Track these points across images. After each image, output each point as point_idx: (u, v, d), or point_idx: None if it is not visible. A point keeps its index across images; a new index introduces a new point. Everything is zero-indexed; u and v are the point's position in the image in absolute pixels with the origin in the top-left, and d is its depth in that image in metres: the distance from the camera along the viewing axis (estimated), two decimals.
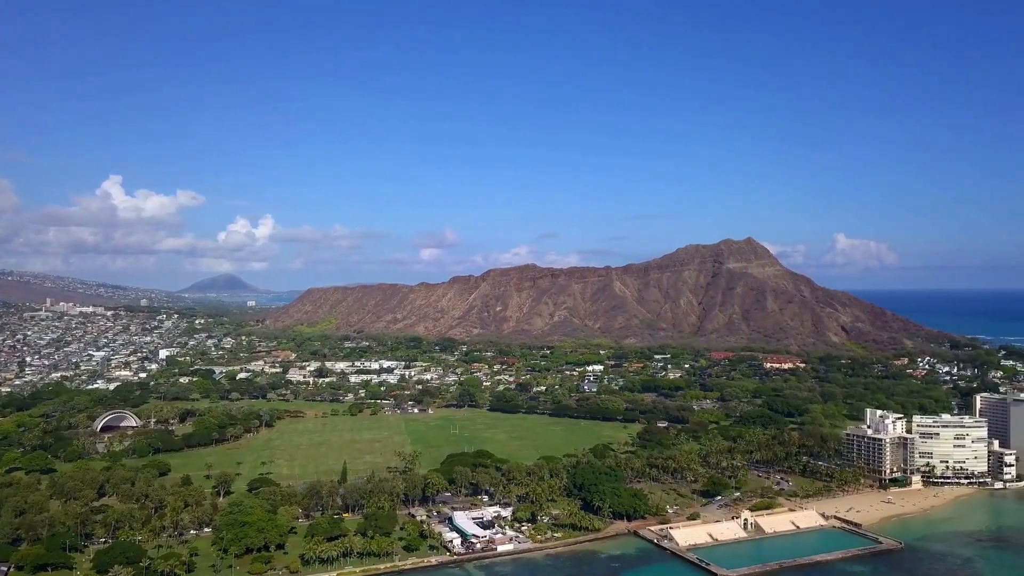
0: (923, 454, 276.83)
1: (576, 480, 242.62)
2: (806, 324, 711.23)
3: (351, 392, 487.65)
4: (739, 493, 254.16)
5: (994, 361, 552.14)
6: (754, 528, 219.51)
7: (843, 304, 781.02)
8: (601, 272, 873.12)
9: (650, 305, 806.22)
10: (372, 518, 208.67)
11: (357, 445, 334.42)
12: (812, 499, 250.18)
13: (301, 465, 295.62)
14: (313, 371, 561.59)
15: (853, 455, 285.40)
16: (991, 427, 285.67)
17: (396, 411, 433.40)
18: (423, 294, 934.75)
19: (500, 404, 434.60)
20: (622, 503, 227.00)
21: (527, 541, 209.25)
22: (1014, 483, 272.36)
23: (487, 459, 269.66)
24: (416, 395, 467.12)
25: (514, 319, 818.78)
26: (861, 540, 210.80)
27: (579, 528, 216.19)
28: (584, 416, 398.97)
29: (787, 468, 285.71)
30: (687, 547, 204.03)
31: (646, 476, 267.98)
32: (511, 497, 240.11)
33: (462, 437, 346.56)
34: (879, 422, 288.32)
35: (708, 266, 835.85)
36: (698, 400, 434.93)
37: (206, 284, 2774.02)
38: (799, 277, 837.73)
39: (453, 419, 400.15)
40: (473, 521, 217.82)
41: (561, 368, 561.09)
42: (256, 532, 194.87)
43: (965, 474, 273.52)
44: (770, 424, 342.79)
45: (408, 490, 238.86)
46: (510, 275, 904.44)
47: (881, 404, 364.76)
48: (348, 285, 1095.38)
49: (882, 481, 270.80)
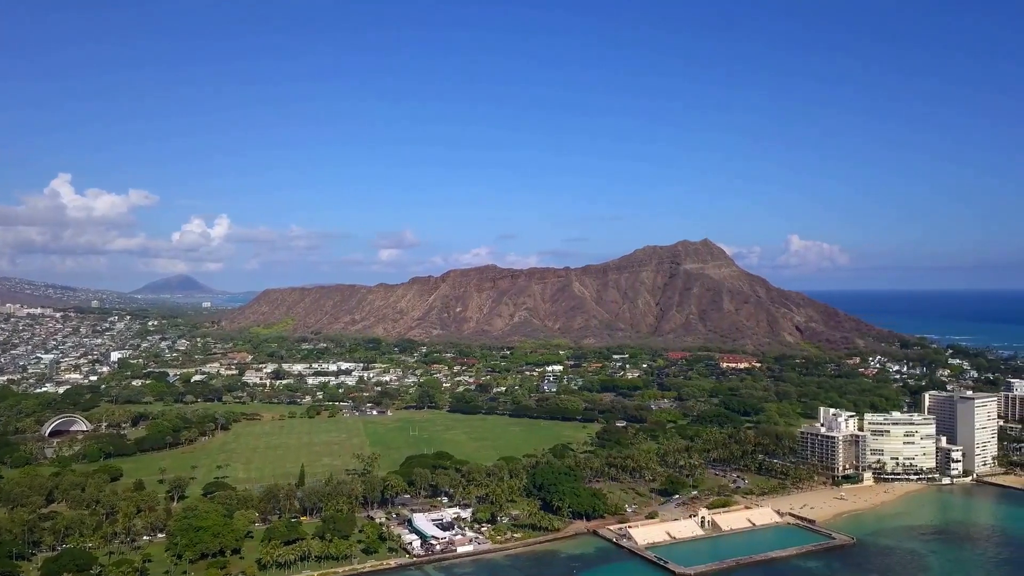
0: (874, 451, 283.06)
1: (536, 480, 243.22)
2: (761, 324, 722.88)
3: (309, 394, 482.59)
4: (696, 492, 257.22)
5: (942, 360, 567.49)
6: (711, 526, 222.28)
7: (797, 304, 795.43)
8: (561, 273, 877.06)
9: (609, 306, 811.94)
10: (330, 521, 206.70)
11: (315, 447, 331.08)
12: (768, 497, 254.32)
13: (258, 468, 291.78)
14: (270, 373, 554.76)
15: (807, 453, 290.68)
16: (939, 424, 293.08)
17: (355, 413, 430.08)
18: (382, 295, 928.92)
19: (460, 405, 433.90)
20: (581, 503, 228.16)
21: (487, 542, 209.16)
22: (960, 479, 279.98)
23: (447, 460, 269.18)
24: (375, 397, 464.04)
25: (474, 320, 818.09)
26: (815, 536, 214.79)
27: (539, 528, 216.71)
28: (544, 416, 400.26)
29: (743, 466, 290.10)
30: (646, 546, 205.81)
31: (605, 476, 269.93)
32: (471, 498, 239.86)
33: (421, 439, 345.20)
34: (832, 420, 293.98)
35: (665, 267, 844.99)
36: (656, 400, 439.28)
37: (160, 285, 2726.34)
38: (754, 278, 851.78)
39: (412, 421, 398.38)
40: (433, 523, 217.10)
41: (521, 368, 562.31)
42: (211, 537, 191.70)
43: (914, 470, 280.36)
44: (727, 423, 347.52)
45: (367, 492, 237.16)
46: (470, 276, 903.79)
47: (834, 403, 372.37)
48: (306, 286, 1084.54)
49: (835, 478, 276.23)
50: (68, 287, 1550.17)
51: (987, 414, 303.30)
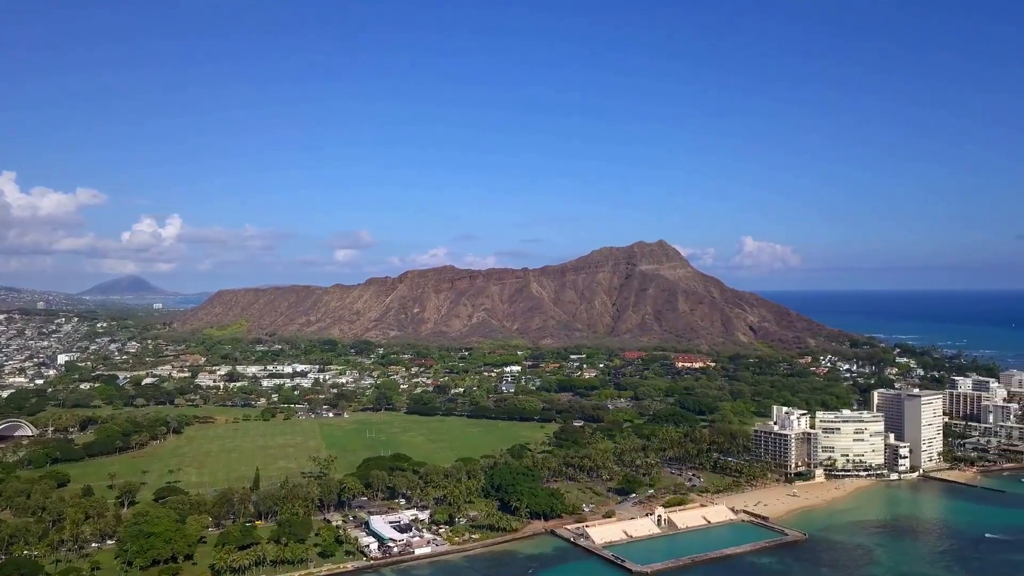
0: (826, 448, 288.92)
1: (494, 481, 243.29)
2: (716, 324, 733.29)
3: (264, 397, 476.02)
4: (653, 490, 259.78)
5: (890, 358, 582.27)
6: (667, 524, 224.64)
7: (751, 305, 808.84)
8: (519, 274, 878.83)
9: (566, 306, 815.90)
10: (286, 525, 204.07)
11: (270, 451, 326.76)
12: (722, 494, 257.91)
13: (211, 472, 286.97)
14: (224, 375, 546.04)
15: (761, 451, 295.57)
16: (887, 421, 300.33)
17: (311, 415, 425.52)
18: (338, 296, 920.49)
19: (418, 407, 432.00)
20: (539, 503, 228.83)
21: (445, 543, 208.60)
22: (908, 474, 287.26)
23: (404, 462, 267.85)
24: (331, 399, 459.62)
25: (432, 321, 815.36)
26: (768, 533, 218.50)
27: (497, 529, 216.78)
28: (502, 417, 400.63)
29: (699, 465, 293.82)
30: (603, 545, 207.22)
31: (562, 475, 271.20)
32: (428, 500, 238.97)
33: (379, 440, 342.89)
34: (785, 419, 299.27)
35: (622, 268, 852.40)
36: (612, 399, 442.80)
37: (109, 286, 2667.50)
38: (709, 279, 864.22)
39: (369, 422, 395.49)
40: (390, 525, 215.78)
41: (479, 369, 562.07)
42: (163, 543, 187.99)
43: (864, 467, 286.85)
44: (682, 422, 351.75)
45: (323, 495, 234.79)
46: (428, 276, 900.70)
47: (787, 401, 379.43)
48: (260, 287, 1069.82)
49: (788, 475, 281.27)
50: (12, 288, 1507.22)
51: (933, 411, 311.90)
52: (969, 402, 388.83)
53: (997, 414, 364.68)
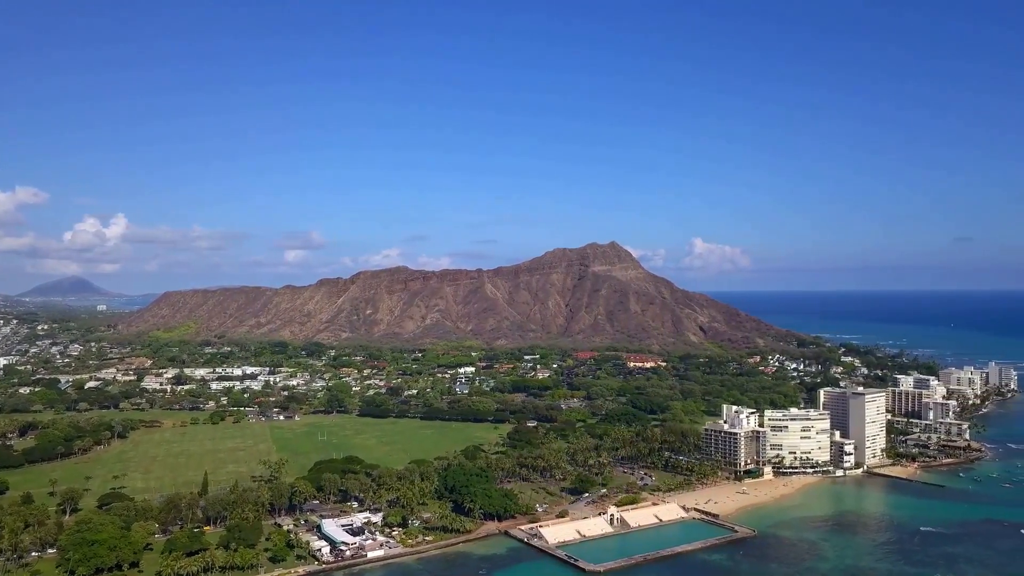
0: (774, 446, 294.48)
1: (447, 482, 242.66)
2: (667, 324, 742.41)
3: (212, 400, 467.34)
4: (605, 489, 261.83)
5: (835, 358, 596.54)
6: (620, 523, 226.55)
7: (701, 305, 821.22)
8: (473, 275, 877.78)
9: (520, 307, 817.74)
10: (235, 530, 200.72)
11: (219, 455, 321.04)
12: (674, 493, 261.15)
13: (158, 478, 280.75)
14: (171, 378, 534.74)
15: (711, 449, 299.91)
16: (833, 419, 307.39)
17: (261, 418, 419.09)
18: (289, 297, 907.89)
19: (370, 409, 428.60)
20: (493, 503, 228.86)
21: (398, 546, 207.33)
22: (852, 470, 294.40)
23: (357, 465, 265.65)
24: (282, 402, 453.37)
25: (385, 322, 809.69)
26: (719, 530, 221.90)
27: (450, 530, 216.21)
28: (456, 418, 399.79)
29: (650, 464, 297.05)
30: (556, 544, 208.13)
31: (516, 476, 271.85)
32: (381, 502, 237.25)
33: (331, 443, 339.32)
34: (734, 417, 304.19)
35: (575, 269, 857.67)
36: (566, 399, 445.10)
37: (50, 287, 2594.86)
38: (660, 280, 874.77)
39: (321, 425, 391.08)
40: (342, 528, 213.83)
41: (433, 371, 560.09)
42: (107, 551, 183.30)
43: (811, 464, 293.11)
44: (634, 421, 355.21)
45: (274, 499, 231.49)
46: (381, 277, 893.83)
47: (736, 400, 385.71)
48: (209, 288, 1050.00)
49: (737, 473, 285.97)
50: None
51: (876, 409, 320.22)
52: (911, 399, 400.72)
53: (937, 411, 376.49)
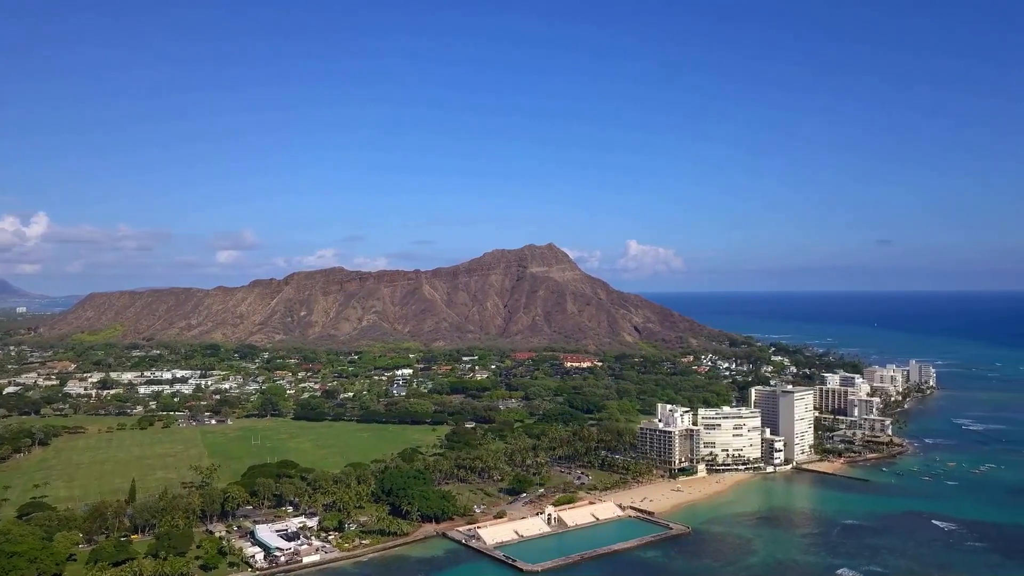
0: (707, 444, 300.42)
1: (384, 485, 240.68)
2: (603, 325, 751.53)
3: (140, 404, 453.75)
4: (543, 489, 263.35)
5: (766, 357, 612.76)
6: (557, 522, 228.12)
7: (636, 306, 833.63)
8: (411, 275, 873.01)
9: (459, 308, 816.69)
10: (165, 538, 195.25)
11: (147, 461, 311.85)
12: (610, 491, 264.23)
13: (82, 486, 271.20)
14: (96, 383, 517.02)
15: (646, 448, 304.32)
16: (763, 417, 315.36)
17: (192, 423, 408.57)
18: (220, 298, 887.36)
19: (305, 412, 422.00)
20: (431, 505, 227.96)
21: (334, 550, 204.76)
22: (782, 467, 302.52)
23: (292, 469, 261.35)
24: (214, 405, 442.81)
25: (320, 324, 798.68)
26: (654, 527, 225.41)
27: (388, 533, 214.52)
28: (393, 421, 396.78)
29: (587, 463, 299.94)
30: (494, 545, 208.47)
31: (454, 477, 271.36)
32: (317, 506, 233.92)
33: (265, 447, 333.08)
34: (669, 416, 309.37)
35: (513, 270, 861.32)
36: (504, 399, 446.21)
37: None
38: (596, 281, 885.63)
39: (255, 429, 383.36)
40: (277, 533, 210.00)
41: (370, 373, 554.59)
42: (27, 563, 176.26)
43: (743, 461, 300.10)
44: (571, 421, 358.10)
45: (206, 505, 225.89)
46: (316, 278, 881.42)
47: (670, 399, 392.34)
48: (136, 289, 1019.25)
49: (672, 471, 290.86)
50: None
51: (805, 407, 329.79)
52: (837, 397, 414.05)
53: (862, 408, 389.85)
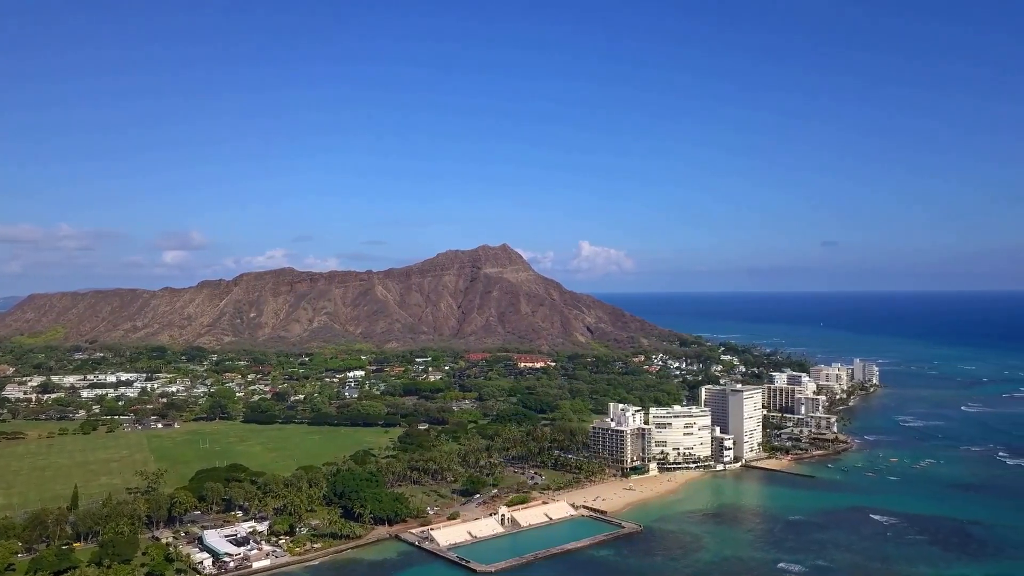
0: (659, 443, 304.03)
1: (336, 488, 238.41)
2: (556, 325, 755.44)
3: (83, 408, 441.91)
4: (496, 490, 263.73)
5: (715, 356, 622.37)
6: (511, 523, 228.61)
7: (588, 307, 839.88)
8: (363, 276, 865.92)
9: (412, 309, 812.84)
10: (109, 545, 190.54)
11: (91, 467, 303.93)
12: (563, 491, 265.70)
13: (21, 493, 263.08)
14: (36, 387, 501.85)
15: (599, 447, 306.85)
16: (713, 416, 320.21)
17: (137, 427, 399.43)
18: (167, 300, 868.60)
19: (255, 415, 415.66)
20: (383, 508, 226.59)
21: (285, 554, 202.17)
22: (732, 465, 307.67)
23: (241, 473, 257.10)
24: (160, 409, 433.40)
25: (270, 325, 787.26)
26: (607, 526, 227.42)
27: (340, 536, 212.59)
28: (345, 423, 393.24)
29: (540, 463, 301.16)
30: (448, 546, 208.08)
31: (407, 479, 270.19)
32: (268, 510, 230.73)
33: (213, 451, 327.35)
34: (621, 415, 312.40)
35: (467, 271, 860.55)
36: (457, 401, 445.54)
37: None
38: (549, 282, 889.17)
39: (203, 433, 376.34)
40: (226, 539, 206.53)
41: (321, 375, 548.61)
42: None
43: (693, 459, 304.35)
44: (524, 421, 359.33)
45: (152, 511, 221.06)
46: (265, 279, 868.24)
47: (622, 398, 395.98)
48: (79, 291, 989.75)
49: (624, 470, 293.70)
50: None
51: (753, 405, 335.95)
52: (784, 395, 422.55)
53: (808, 406, 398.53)
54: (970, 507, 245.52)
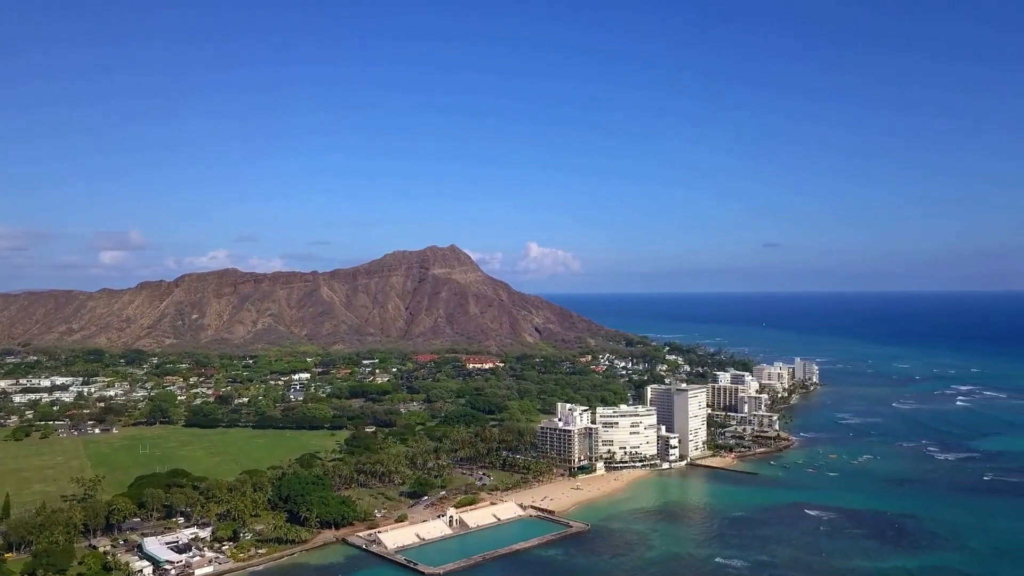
0: (605, 442, 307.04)
1: (282, 492, 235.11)
2: (504, 326, 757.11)
3: (15, 414, 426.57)
4: (444, 491, 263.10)
5: (660, 356, 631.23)
6: (459, 524, 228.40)
7: (536, 307, 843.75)
8: (308, 277, 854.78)
9: (359, 310, 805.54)
10: (43, 555, 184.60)
11: (24, 474, 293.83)
12: (511, 491, 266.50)
13: None
14: None
15: (547, 447, 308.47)
16: (659, 414, 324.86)
17: (73, 433, 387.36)
18: (105, 301, 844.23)
19: (198, 419, 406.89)
20: (330, 511, 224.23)
21: (229, 561, 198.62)
22: (677, 463, 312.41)
23: (183, 478, 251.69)
24: (98, 414, 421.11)
25: (213, 327, 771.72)
26: (554, 526, 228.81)
27: (285, 541, 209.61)
28: (290, 426, 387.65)
29: (489, 463, 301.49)
30: (395, 549, 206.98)
31: (354, 482, 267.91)
32: (211, 516, 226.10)
33: (153, 457, 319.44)
34: (568, 415, 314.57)
35: (415, 272, 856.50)
36: (405, 402, 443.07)
37: None
38: (498, 283, 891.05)
39: (143, 438, 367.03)
40: (167, 546, 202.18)
41: (265, 378, 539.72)
42: None
43: (640, 458, 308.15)
44: (473, 422, 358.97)
45: (88, 519, 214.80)
46: (208, 280, 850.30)
47: (570, 398, 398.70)
48: (11, 292, 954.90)
49: (572, 469, 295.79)
50: None
51: (698, 404, 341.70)
52: (728, 394, 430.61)
53: (751, 404, 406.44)
54: (904, 501, 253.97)
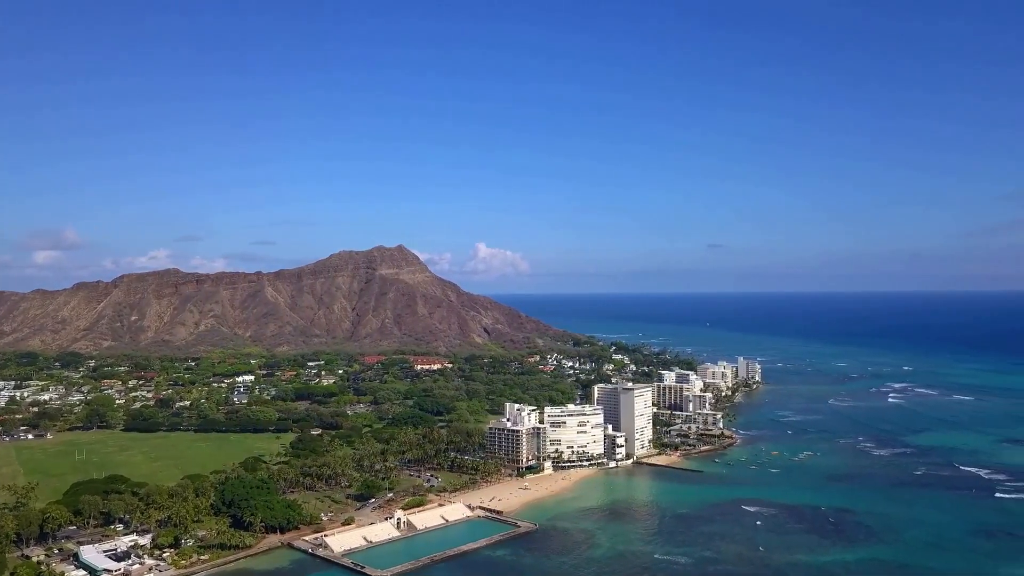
0: (553, 442, 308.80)
1: (225, 497, 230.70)
2: (453, 327, 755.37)
3: None
4: (392, 494, 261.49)
5: (607, 356, 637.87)
6: (407, 526, 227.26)
7: (485, 308, 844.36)
8: (252, 278, 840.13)
9: (304, 311, 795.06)
10: None
11: None
12: (460, 492, 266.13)
13: None
14: None
15: (495, 447, 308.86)
16: (606, 414, 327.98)
17: (4, 439, 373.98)
18: (39, 303, 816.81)
19: (137, 423, 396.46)
20: (275, 515, 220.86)
21: (170, 568, 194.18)
22: (624, 461, 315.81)
23: (121, 484, 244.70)
24: (31, 419, 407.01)
25: (153, 329, 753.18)
26: (503, 526, 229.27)
27: (229, 547, 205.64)
28: (234, 429, 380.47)
29: (437, 465, 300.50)
30: (342, 552, 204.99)
31: (300, 485, 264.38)
32: (151, 523, 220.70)
33: (90, 462, 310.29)
34: (516, 415, 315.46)
35: (361, 272, 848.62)
36: (352, 404, 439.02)
37: None
38: (446, 283, 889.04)
39: (79, 443, 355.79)
40: (104, 554, 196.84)
41: (208, 380, 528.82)
42: None
43: (587, 457, 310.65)
44: (421, 424, 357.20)
45: (21, 528, 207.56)
46: (148, 281, 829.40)
47: (518, 398, 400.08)
48: None
49: (520, 469, 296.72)
50: None
51: (644, 403, 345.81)
52: (673, 393, 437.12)
53: (696, 403, 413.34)
54: (842, 496, 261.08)
